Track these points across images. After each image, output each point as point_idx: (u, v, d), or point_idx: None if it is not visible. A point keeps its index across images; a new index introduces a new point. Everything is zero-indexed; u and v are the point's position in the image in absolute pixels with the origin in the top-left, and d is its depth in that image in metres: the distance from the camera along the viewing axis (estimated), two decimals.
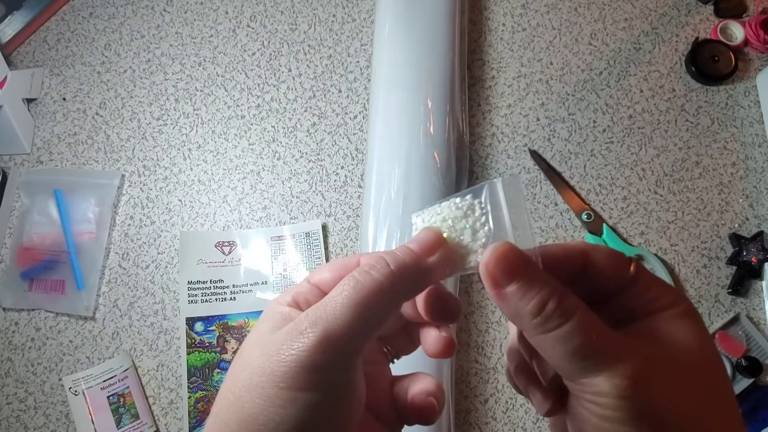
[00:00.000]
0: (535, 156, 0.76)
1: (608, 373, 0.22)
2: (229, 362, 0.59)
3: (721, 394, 0.23)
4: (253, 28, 0.82)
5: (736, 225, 0.74)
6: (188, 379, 0.63)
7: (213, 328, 0.64)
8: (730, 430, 0.23)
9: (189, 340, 0.63)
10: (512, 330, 0.29)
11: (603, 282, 0.26)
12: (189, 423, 0.62)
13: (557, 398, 0.26)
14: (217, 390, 0.57)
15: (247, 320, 0.64)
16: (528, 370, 0.28)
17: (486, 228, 0.27)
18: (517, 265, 0.24)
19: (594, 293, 0.25)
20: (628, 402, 0.21)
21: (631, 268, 0.25)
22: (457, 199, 0.28)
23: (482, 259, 0.24)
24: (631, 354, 0.22)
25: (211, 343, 0.63)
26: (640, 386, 0.21)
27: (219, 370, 0.62)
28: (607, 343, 0.22)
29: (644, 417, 0.21)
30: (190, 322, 0.65)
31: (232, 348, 0.62)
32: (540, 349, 0.24)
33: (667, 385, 0.22)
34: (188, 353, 0.63)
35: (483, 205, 0.27)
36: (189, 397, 0.63)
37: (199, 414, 0.61)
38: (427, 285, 0.27)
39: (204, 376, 0.62)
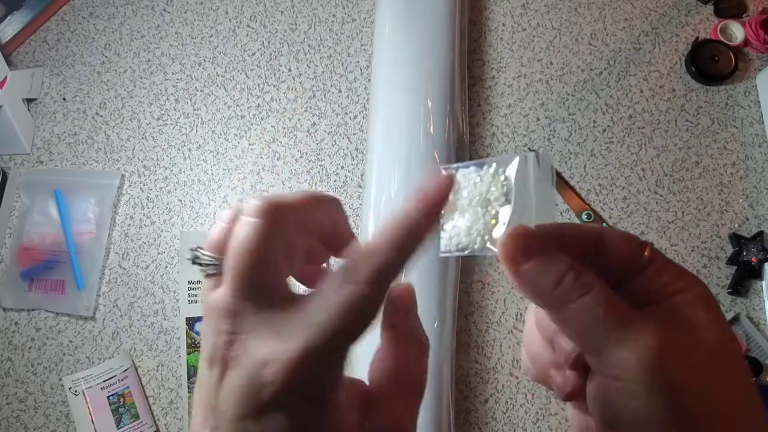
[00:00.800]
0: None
1: (632, 346, 0.22)
2: None
3: (740, 378, 0.23)
4: (253, 28, 0.82)
5: (736, 225, 0.74)
6: (188, 380, 0.63)
7: None
8: (753, 415, 0.23)
9: (189, 340, 0.63)
10: (529, 319, 0.29)
11: (616, 265, 0.25)
12: (189, 423, 0.62)
13: (578, 382, 0.26)
14: None
15: None
16: (547, 356, 0.28)
17: (505, 207, 0.25)
18: (534, 244, 0.24)
19: (608, 276, 0.25)
20: (652, 376, 0.21)
21: (646, 251, 0.25)
22: (482, 168, 0.26)
23: (499, 239, 0.24)
24: (653, 329, 0.22)
25: None
26: (663, 360, 0.21)
27: None
28: (630, 315, 0.23)
29: (668, 392, 0.21)
30: (191, 322, 0.65)
31: None
32: (563, 324, 0.24)
33: (688, 362, 0.22)
34: (188, 353, 0.63)
35: (506, 179, 0.25)
36: (189, 397, 0.63)
37: (192, 409, 0.62)
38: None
39: None
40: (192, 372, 0.64)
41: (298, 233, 0.25)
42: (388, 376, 0.26)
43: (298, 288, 0.27)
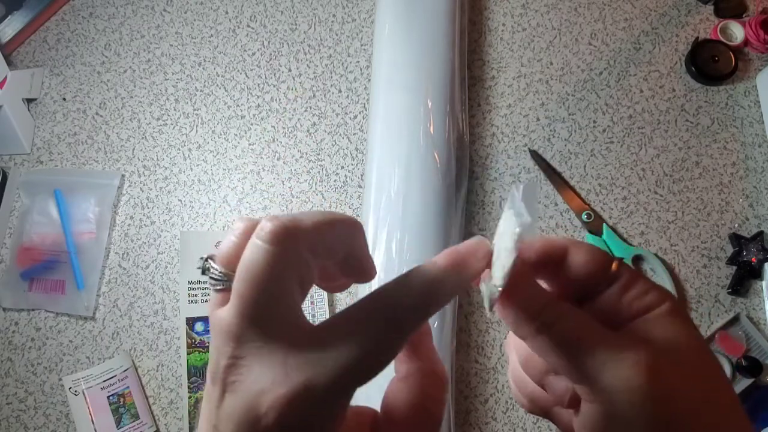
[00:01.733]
0: (535, 156, 0.76)
1: (617, 365, 0.22)
2: None
3: (723, 389, 0.23)
4: (253, 28, 0.82)
5: (736, 225, 0.74)
6: (188, 379, 0.63)
7: None
8: (739, 422, 0.23)
9: (189, 340, 0.63)
10: (512, 356, 0.29)
11: (582, 277, 0.25)
12: (189, 423, 0.62)
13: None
14: None
15: None
16: (543, 396, 0.27)
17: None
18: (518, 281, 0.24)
19: (575, 289, 0.26)
20: (640, 393, 0.21)
21: (613, 266, 0.25)
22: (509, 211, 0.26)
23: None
24: (634, 346, 0.22)
25: None
26: (651, 379, 0.21)
27: None
28: (607, 336, 0.23)
29: (660, 410, 0.21)
30: (191, 322, 0.65)
31: None
32: (544, 355, 0.24)
33: (675, 379, 0.22)
34: (188, 353, 0.63)
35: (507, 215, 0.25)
36: (189, 397, 0.62)
37: (199, 414, 0.62)
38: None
39: (204, 376, 0.62)
40: (192, 372, 0.64)
41: (312, 257, 0.24)
42: (404, 409, 0.25)
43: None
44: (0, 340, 0.71)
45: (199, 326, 0.65)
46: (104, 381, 0.68)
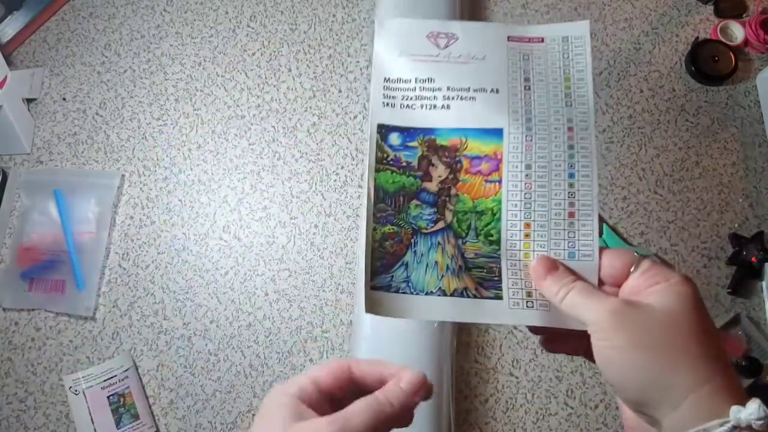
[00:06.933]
0: None
1: (596, 308, 0.33)
2: (434, 194, 0.44)
3: (684, 336, 0.31)
4: (253, 28, 0.82)
5: (736, 225, 0.74)
6: (375, 205, 0.44)
7: (414, 143, 0.46)
8: (690, 362, 0.31)
9: (381, 154, 0.45)
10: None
11: (619, 271, 0.36)
12: (372, 266, 0.42)
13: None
14: (413, 229, 0.42)
15: (464, 139, 0.45)
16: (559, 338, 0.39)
17: None
18: (551, 265, 0.37)
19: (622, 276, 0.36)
20: (604, 326, 0.32)
21: (636, 261, 0.35)
22: None
23: (531, 266, 0.38)
24: (611, 300, 0.33)
25: (410, 164, 0.45)
26: (614, 317, 0.32)
27: (418, 203, 0.44)
28: (597, 295, 0.35)
29: (612, 337, 0.32)
30: (384, 130, 0.46)
31: (439, 176, 0.44)
32: (567, 306, 0.35)
33: (630, 319, 0.32)
34: (378, 171, 0.44)
35: None
36: (374, 230, 0.43)
37: (386, 255, 0.43)
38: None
39: (397, 206, 0.45)
40: (381, 197, 0.45)
41: None
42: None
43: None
44: (0, 340, 0.71)
45: (394, 138, 0.46)
46: (104, 381, 0.68)
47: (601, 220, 0.73)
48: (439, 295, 0.40)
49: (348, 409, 0.33)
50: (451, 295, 0.40)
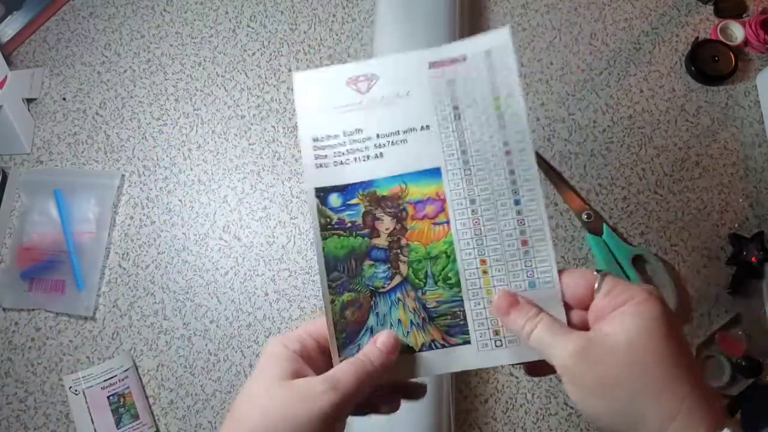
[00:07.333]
0: (536, 156, 0.76)
1: (561, 349, 0.34)
2: (385, 249, 0.42)
3: (649, 368, 0.32)
4: (253, 28, 0.82)
5: (736, 225, 0.74)
6: (328, 276, 0.43)
7: (355, 200, 0.44)
8: (656, 395, 0.31)
9: (324, 220, 0.43)
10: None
11: (581, 292, 0.38)
12: (337, 339, 0.42)
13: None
14: (371, 290, 0.42)
15: (404, 185, 0.43)
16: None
17: None
18: (514, 301, 0.39)
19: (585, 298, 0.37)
20: (570, 369, 0.33)
21: (597, 280, 0.36)
22: None
23: (494, 301, 0.39)
24: (574, 339, 0.34)
25: (355, 223, 0.43)
26: (579, 359, 0.33)
27: (371, 262, 0.42)
28: (562, 332, 0.35)
29: (580, 379, 0.33)
30: (322, 194, 0.44)
31: (387, 229, 0.43)
32: (534, 342, 0.36)
33: (594, 359, 0.33)
34: (324, 238, 0.43)
35: None
36: (333, 302, 0.42)
37: (349, 325, 0.42)
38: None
39: (350, 271, 0.43)
40: (332, 264, 0.44)
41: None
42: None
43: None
44: (0, 340, 0.71)
45: (334, 200, 0.45)
46: (104, 381, 0.68)
47: (601, 219, 0.73)
48: (409, 353, 0.39)
49: (337, 369, 0.36)
50: (420, 350, 0.39)
